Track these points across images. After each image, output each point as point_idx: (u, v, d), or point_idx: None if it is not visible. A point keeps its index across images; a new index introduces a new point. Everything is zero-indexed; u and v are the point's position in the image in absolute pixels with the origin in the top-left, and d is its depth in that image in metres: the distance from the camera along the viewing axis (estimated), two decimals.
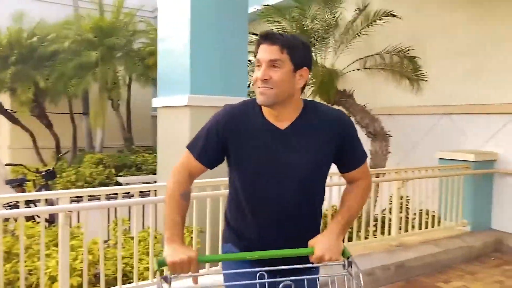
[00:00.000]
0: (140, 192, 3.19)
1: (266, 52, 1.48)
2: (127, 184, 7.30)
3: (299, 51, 1.50)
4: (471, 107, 5.33)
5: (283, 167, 1.53)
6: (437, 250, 4.29)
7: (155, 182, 5.08)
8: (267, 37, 1.49)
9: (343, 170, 1.66)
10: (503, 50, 5.05)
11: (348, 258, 1.47)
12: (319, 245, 1.47)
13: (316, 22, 6.22)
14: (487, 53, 5.20)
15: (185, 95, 4.12)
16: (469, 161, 4.89)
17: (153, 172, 7.99)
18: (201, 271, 3.20)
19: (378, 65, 6.16)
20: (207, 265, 3.26)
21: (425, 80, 5.76)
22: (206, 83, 4.19)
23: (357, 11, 6.20)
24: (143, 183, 7.52)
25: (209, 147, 1.58)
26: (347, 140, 1.59)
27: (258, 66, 1.50)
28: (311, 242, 1.51)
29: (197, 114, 3.99)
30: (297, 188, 1.55)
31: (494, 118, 5.12)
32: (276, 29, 5.61)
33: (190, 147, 1.62)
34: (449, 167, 4.89)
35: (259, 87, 1.49)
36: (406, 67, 5.91)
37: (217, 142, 1.56)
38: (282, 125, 1.55)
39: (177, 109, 4.30)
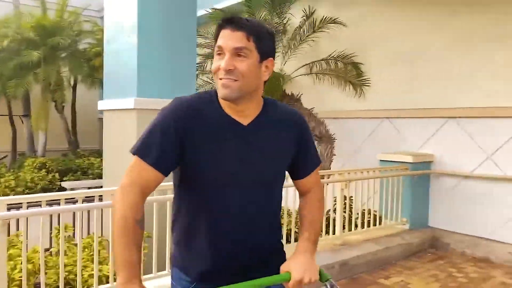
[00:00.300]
0: (85, 197, 3.11)
1: (231, 38, 1.26)
2: (72, 189, 7.06)
3: (265, 40, 1.32)
4: (410, 111, 5.65)
5: (248, 170, 1.35)
6: (378, 247, 4.50)
7: (101, 186, 4.95)
8: (231, 22, 1.28)
9: (297, 175, 1.50)
10: (438, 59, 5.39)
11: (327, 281, 1.33)
12: (295, 266, 1.30)
13: None
14: (424, 61, 5.53)
15: (132, 98, 4.06)
16: (407, 162, 5.18)
17: (100, 176, 7.78)
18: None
19: (324, 71, 6.38)
20: (153, 268, 3.23)
21: (368, 86, 6.04)
22: (154, 85, 4.15)
23: (304, 17, 6.39)
24: (89, 188, 7.31)
25: (167, 150, 1.28)
26: (303, 141, 1.46)
27: (219, 54, 1.29)
28: (284, 267, 1.33)
29: (144, 118, 3.94)
30: (261, 193, 1.39)
31: (431, 122, 5.45)
32: None
33: (140, 153, 1.29)
34: (389, 168, 5.15)
35: (220, 79, 1.28)
36: (350, 72, 6.16)
37: (174, 143, 1.28)
38: (245, 121, 1.36)
39: (124, 112, 4.23)
